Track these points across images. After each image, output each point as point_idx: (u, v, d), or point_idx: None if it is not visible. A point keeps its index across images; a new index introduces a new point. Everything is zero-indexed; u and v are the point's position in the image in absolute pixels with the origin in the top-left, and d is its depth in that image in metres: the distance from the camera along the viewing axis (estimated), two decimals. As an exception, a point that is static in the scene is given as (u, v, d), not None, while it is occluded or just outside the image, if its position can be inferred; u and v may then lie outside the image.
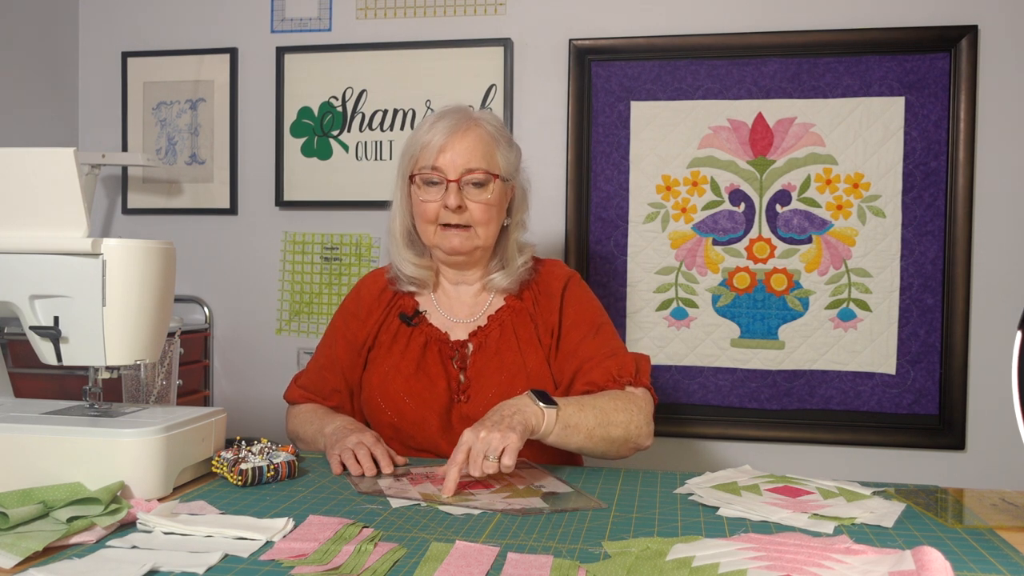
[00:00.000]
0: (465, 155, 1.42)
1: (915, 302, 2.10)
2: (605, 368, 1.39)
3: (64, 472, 1.04)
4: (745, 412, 2.18)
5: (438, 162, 1.42)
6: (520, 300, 1.49)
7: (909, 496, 1.13)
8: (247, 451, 1.18)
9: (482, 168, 1.42)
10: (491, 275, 1.50)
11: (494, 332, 1.46)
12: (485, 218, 1.44)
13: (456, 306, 1.51)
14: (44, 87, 2.41)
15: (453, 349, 1.46)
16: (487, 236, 1.46)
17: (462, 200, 1.42)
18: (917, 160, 2.09)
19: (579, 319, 1.47)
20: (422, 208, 1.45)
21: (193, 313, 2.46)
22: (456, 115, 1.45)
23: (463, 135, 1.42)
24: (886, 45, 2.09)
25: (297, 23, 2.39)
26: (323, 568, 0.83)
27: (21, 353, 1.87)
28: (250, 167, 2.44)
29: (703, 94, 2.17)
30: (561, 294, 1.50)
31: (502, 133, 1.49)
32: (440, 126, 1.43)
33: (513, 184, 1.51)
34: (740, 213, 2.17)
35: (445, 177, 1.42)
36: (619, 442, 1.31)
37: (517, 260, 1.50)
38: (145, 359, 1.16)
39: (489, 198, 1.43)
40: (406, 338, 1.48)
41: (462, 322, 1.49)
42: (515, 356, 1.44)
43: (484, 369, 1.43)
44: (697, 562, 0.84)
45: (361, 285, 1.59)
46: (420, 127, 1.48)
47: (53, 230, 1.10)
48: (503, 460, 1.12)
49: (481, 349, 1.45)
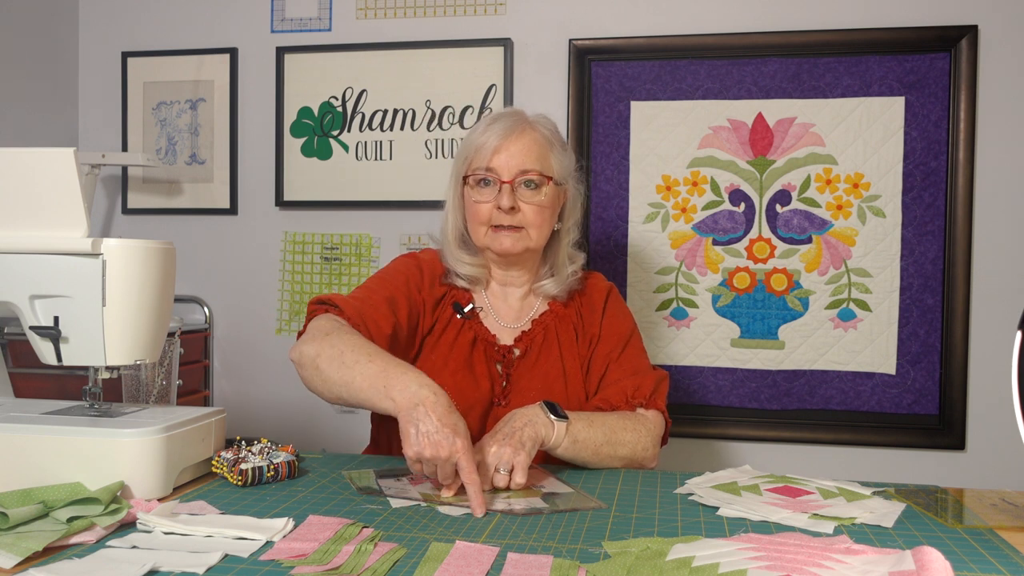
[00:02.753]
0: (519, 156, 1.42)
1: (915, 302, 2.10)
2: (621, 387, 1.42)
3: (64, 472, 1.04)
4: (745, 412, 2.18)
5: (492, 163, 1.42)
6: (565, 308, 1.51)
7: (909, 496, 1.13)
8: (247, 451, 1.18)
9: (536, 170, 1.42)
10: (541, 281, 1.52)
11: (538, 337, 1.48)
12: (538, 220, 1.44)
13: (503, 309, 1.52)
14: (44, 87, 2.41)
15: (500, 353, 1.46)
16: (538, 238, 1.46)
17: (515, 201, 1.42)
18: (917, 160, 2.09)
19: (611, 333, 1.49)
20: (475, 209, 1.45)
21: (193, 313, 2.46)
22: (511, 118, 1.46)
23: (518, 137, 1.43)
24: (886, 45, 2.09)
25: (297, 23, 2.39)
26: (323, 568, 0.83)
27: (21, 353, 1.87)
28: (250, 167, 2.44)
29: (703, 94, 2.17)
30: (603, 307, 1.52)
31: (557, 137, 1.50)
32: (495, 128, 1.44)
33: (566, 188, 1.51)
34: (740, 213, 2.17)
35: (499, 178, 1.42)
36: (624, 461, 1.33)
37: (567, 268, 1.51)
38: (145, 359, 1.16)
39: (542, 200, 1.44)
40: (456, 331, 1.47)
41: (509, 326, 1.50)
42: (555, 363, 1.46)
43: (526, 374, 1.45)
44: (697, 562, 0.84)
45: (423, 261, 1.51)
46: (475, 129, 1.48)
47: (53, 230, 1.10)
48: (515, 477, 1.14)
49: (525, 355, 1.47)
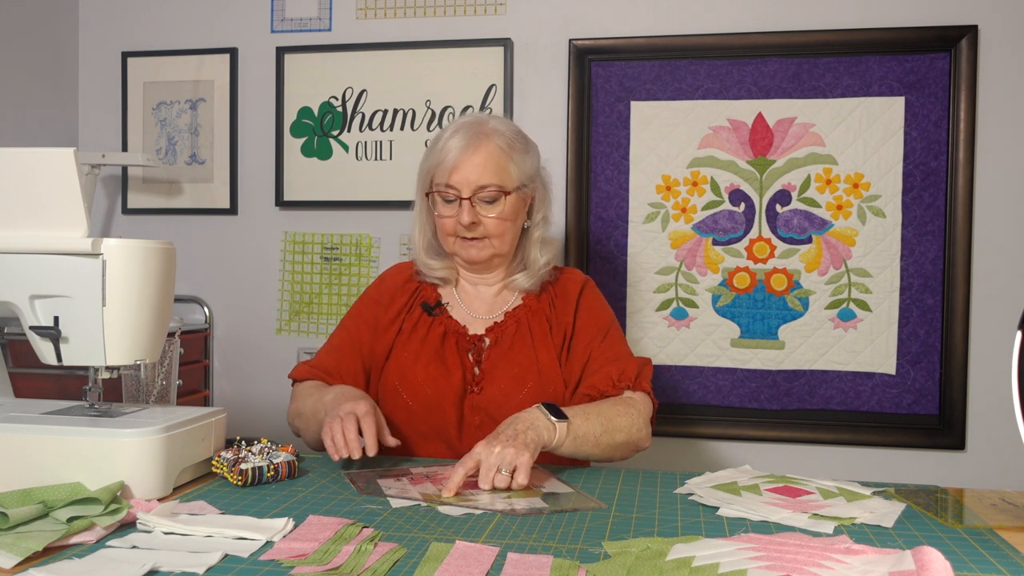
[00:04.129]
0: (476, 172, 1.44)
1: (915, 302, 2.10)
2: (607, 372, 1.44)
3: (64, 472, 1.04)
4: (745, 412, 2.18)
5: (451, 180, 1.45)
6: (538, 300, 1.54)
7: (909, 496, 1.13)
8: (247, 451, 1.18)
9: (494, 184, 1.45)
10: (513, 275, 1.55)
11: (510, 328, 1.50)
12: (499, 231, 1.48)
13: (475, 303, 1.55)
14: (44, 87, 2.41)
15: (470, 342, 1.49)
16: (503, 245, 1.50)
17: (475, 216, 1.46)
18: (917, 160, 2.09)
19: (590, 323, 1.52)
20: (440, 223, 1.50)
21: (193, 313, 2.46)
22: (468, 130, 1.46)
23: (474, 152, 1.45)
24: (886, 45, 2.09)
25: (297, 23, 2.39)
26: (323, 568, 0.83)
27: (21, 353, 1.87)
28: (250, 167, 2.44)
29: (703, 94, 2.17)
30: (577, 299, 1.54)
31: (516, 141, 1.50)
32: (452, 144, 1.45)
33: (532, 187, 1.53)
34: (740, 213, 2.17)
35: (459, 195, 1.45)
36: (622, 446, 1.36)
37: (539, 260, 1.54)
38: (145, 359, 1.16)
39: (502, 211, 1.47)
40: (426, 327, 1.51)
41: (480, 317, 1.53)
42: (528, 352, 1.48)
43: (498, 363, 1.47)
44: (697, 562, 0.84)
45: (386, 275, 1.62)
46: (435, 142, 1.50)
47: (53, 230, 1.10)
48: (517, 478, 1.14)
49: (496, 344, 1.49)
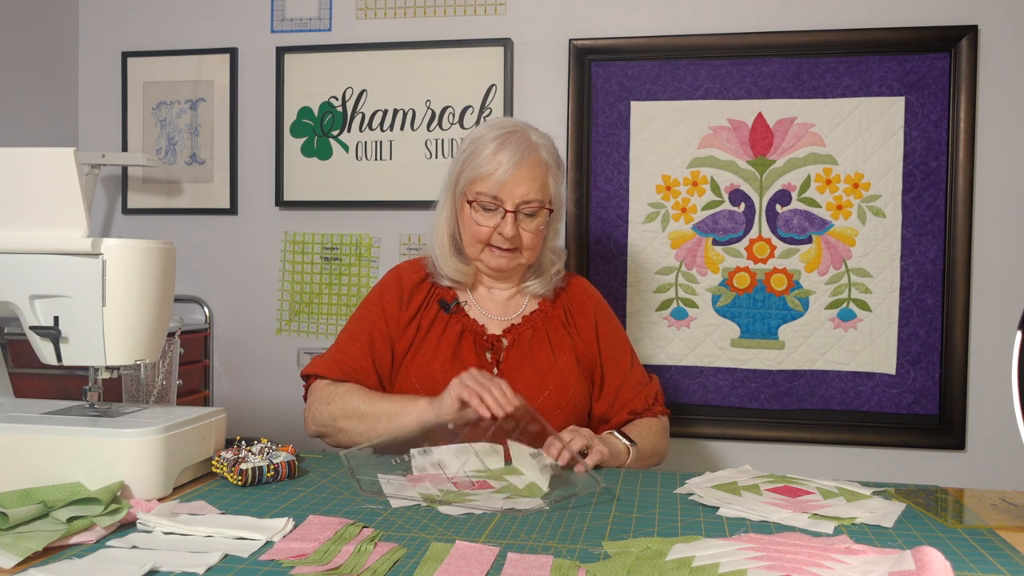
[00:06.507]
0: (524, 187, 1.46)
1: (915, 302, 2.10)
2: (642, 397, 1.56)
3: (64, 472, 1.04)
4: (745, 412, 2.18)
5: (499, 193, 1.46)
6: (553, 306, 1.57)
7: (909, 496, 1.13)
8: (247, 451, 1.18)
9: (537, 200, 1.48)
10: (527, 282, 1.57)
11: (527, 331, 1.52)
12: (533, 244, 1.51)
13: (491, 304, 1.57)
14: (44, 87, 2.41)
15: (488, 342, 1.51)
16: (532, 257, 1.53)
17: (517, 230, 1.47)
18: (917, 160, 2.09)
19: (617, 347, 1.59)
20: (475, 230, 1.49)
21: (193, 313, 2.46)
22: (519, 144, 1.47)
23: (527, 167, 1.46)
24: (886, 45, 2.09)
25: (297, 23, 2.39)
26: (323, 568, 0.83)
27: (21, 353, 1.87)
28: (250, 167, 2.44)
29: (703, 94, 2.17)
30: (594, 318, 1.59)
31: (554, 156, 1.53)
32: (504, 158, 1.45)
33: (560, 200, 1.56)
34: (740, 213, 2.17)
35: (503, 207, 1.46)
36: (653, 461, 1.51)
37: (552, 268, 1.58)
38: (145, 359, 1.16)
39: (539, 224, 1.50)
40: (443, 325, 1.51)
41: (496, 318, 1.55)
42: (547, 356, 1.50)
43: (518, 365, 1.48)
44: (697, 562, 0.84)
45: (401, 271, 1.60)
46: (481, 150, 1.48)
47: (53, 230, 1.10)
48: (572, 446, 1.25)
49: (515, 345, 1.51)
